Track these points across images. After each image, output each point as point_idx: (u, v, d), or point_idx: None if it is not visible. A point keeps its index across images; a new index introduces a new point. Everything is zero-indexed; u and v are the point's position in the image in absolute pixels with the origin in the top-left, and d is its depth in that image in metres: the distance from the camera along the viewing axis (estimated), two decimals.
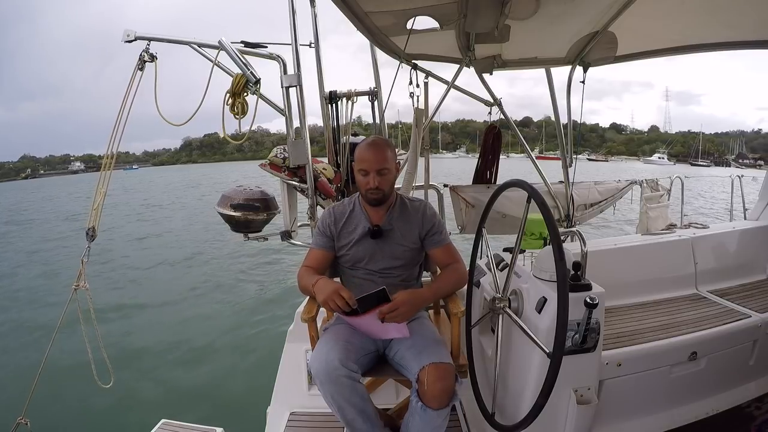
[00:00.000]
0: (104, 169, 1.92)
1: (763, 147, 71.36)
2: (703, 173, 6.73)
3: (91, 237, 1.91)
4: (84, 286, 1.91)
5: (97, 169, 12.69)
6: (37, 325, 5.45)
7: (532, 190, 1.14)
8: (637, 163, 60.76)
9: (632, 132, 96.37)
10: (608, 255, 2.07)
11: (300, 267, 1.50)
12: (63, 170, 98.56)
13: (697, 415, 1.68)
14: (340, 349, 1.26)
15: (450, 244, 1.54)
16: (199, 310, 5.85)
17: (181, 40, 1.89)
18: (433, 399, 1.22)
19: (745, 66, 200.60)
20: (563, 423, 1.32)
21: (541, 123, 71.32)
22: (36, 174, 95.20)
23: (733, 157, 67.33)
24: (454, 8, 1.45)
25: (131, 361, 4.33)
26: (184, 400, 3.68)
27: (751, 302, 1.91)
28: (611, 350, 1.51)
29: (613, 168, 39.22)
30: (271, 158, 2.08)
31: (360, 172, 1.41)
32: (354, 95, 2.25)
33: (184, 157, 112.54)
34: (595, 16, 1.61)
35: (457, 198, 2.51)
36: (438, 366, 1.23)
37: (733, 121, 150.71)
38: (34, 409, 1.91)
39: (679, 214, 3.53)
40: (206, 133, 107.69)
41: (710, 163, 63.76)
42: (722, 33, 1.77)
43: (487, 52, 1.95)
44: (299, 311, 1.75)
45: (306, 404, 1.90)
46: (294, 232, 2.17)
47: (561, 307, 0.95)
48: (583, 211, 2.75)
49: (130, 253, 9.56)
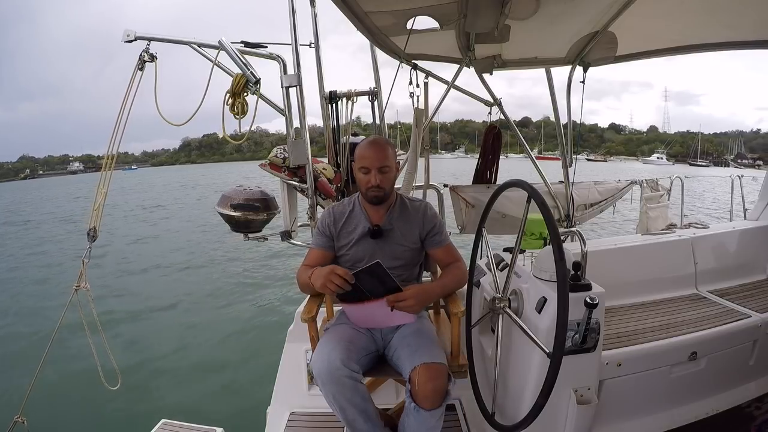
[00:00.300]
0: (105, 169, 1.92)
1: (761, 147, 71.71)
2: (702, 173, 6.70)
3: (93, 237, 1.90)
4: (85, 287, 1.91)
5: (96, 170, 12.77)
6: (37, 326, 5.45)
7: (532, 190, 1.14)
8: (635, 164, 60.78)
9: (631, 132, 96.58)
10: (608, 255, 2.07)
11: (299, 267, 1.50)
12: (62, 170, 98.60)
13: (697, 415, 1.68)
14: (342, 350, 1.26)
15: (451, 244, 1.54)
16: (198, 311, 5.85)
17: (181, 40, 1.89)
18: (424, 399, 1.22)
19: (745, 66, 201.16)
20: (563, 423, 1.32)
21: (540, 123, 71.34)
22: (35, 174, 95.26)
23: (732, 157, 67.46)
24: (454, 8, 1.45)
25: (131, 362, 4.33)
26: (184, 400, 3.68)
27: (751, 302, 1.91)
28: (611, 350, 1.51)
29: (612, 168, 39.18)
30: (271, 158, 2.08)
31: (361, 170, 1.41)
32: (354, 95, 2.25)
33: (183, 157, 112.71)
34: (595, 16, 1.61)
35: (457, 198, 2.51)
36: (429, 366, 1.23)
37: (732, 121, 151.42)
38: (31, 408, 1.90)
39: (679, 214, 3.53)
40: (205, 134, 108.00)
41: (709, 163, 63.75)
42: (722, 33, 1.77)
43: (487, 52, 1.95)
44: (299, 311, 1.75)
45: (306, 404, 1.90)
46: (294, 232, 2.17)
47: (561, 307, 0.95)
48: (583, 211, 2.75)
49: (128, 254, 9.54)
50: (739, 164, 58.32)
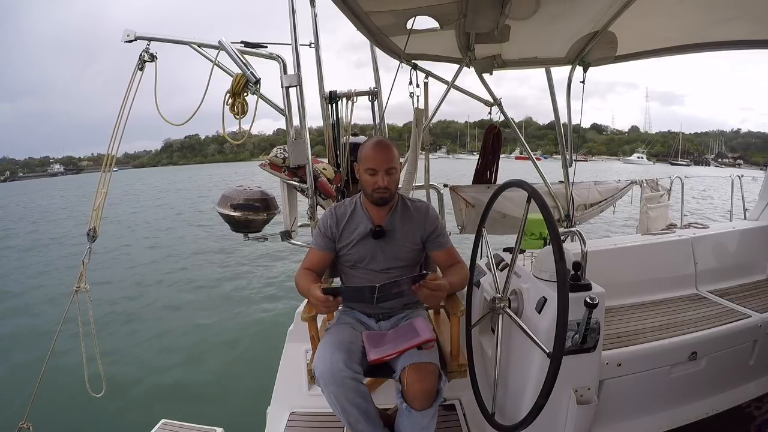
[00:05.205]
0: (104, 169, 1.92)
1: (742, 146, 72.55)
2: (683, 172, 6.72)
3: (93, 238, 1.90)
4: (85, 288, 1.90)
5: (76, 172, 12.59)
6: (37, 327, 5.45)
7: (532, 190, 1.14)
8: (616, 163, 60.87)
9: (613, 132, 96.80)
10: (608, 255, 2.07)
11: (298, 269, 1.49)
12: (42, 173, 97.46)
13: (697, 415, 1.68)
14: (344, 351, 1.26)
15: (452, 247, 1.54)
16: (198, 311, 5.84)
17: (181, 40, 1.88)
18: (414, 399, 1.22)
19: (731, 67, 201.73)
20: (563, 423, 1.32)
21: (522, 124, 71.22)
22: (15, 177, 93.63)
23: (712, 156, 68.05)
24: (454, 8, 1.45)
25: (131, 362, 4.33)
26: (184, 400, 3.68)
27: (751, 302, 1.91)
28: (611, 350, 1.51)
29: (593, 168, 38.73)
30: (271, 158, 2.08)
31: (367, 172, 1.41)
32: (354, 95, 2.24)
33: (164, 159, 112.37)
34: (595, 16, 1.61)
35: (457, 198, 2.51)
36: (418, 366, 1.23)
37: (715, 122, 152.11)
38: (36, 414, 1.90)
39: (679, 215, 3.53)
40: (187, 135, 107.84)
41: (690, 162, 64.28)
42: (722, 32, 1.76)
43: (487, 52, 1.95)
44: (299, 311, 1.75)
45: (306, 404, 1.90)
46: (294, 232, 2.17)
47: (561, 307, 0.95)
48: (583, 211, 2.75)
49: (126, 256, 9.54)
50: (720, 163, 58.78)
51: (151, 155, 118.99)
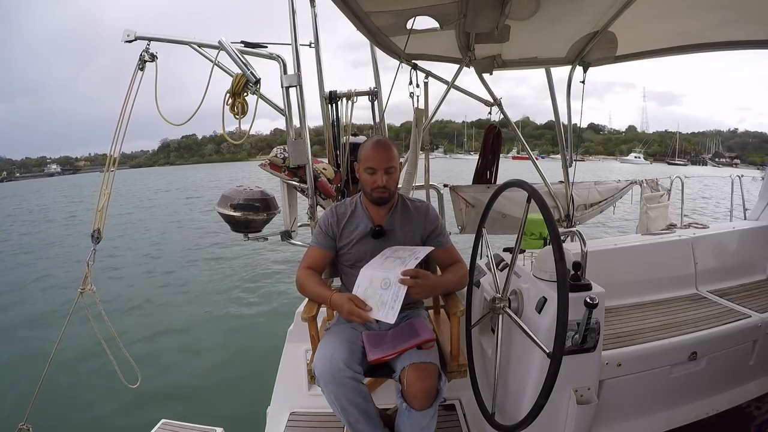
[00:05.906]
0: (107, 169, 1.92)
1: (739, 146, 72.70)
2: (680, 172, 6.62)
3: (97, 239, 1.89)
4: (90, 289, 1.90)
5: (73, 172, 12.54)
6: (37, 328, 5.44)
7: (532, 190, 1.14)
8: (614, 163, 60.97)
9: (610, 132, 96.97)
10: (608, 255, 2.07)
11: (299, 268, 1.49)
12: (39, 173, 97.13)
13: (697, 415, 1.68)
14: (344, 351, 1.26)
15: (452, 246, 1.54)
16: (198, 311, 5.84)
17: (181, 40, 1.89)
18: (414, 399, 1.22)
19: (726, 67, 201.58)
20: (563, 423, 1.32)
21: (519, 123, 71.42)
22: (12, 177, 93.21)
23: (709, 156, 68.11)
24: (454, 8, 1.45)
25: (131, 362, 4.32)
26: (184, 400, 3.68)
27: (751, 302, 1.91)
28: (611, 350, 1.51)
29: (590, 167, 38.68)
30: (271, 158, 2.08)
31: (367, 171, 1.41)
32: (354, 95, 2.24)
33: (161, 159, 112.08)
34: (595, 16, 1.61)
35: (457, 198, 2.51)
36: (418, 366, 1.23)
37: (712, 121, 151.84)
38: (36, 415, 1.89)
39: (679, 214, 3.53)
40: (184, 135, 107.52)
41: (687, 162, 64.35)
42: (723, 33, 1.76)
43: (487, 52, 1.95)
44: (299, 311, 1.75)
45: (306, 404, 1.90)
46: (294, 232, 2.17)
47: (561, 307, 0.95)
48: (583, 211, 2.75)
49: (125, 256, 9.54)
50: (717, 163, 58.81)
51: (148, 155, 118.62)
